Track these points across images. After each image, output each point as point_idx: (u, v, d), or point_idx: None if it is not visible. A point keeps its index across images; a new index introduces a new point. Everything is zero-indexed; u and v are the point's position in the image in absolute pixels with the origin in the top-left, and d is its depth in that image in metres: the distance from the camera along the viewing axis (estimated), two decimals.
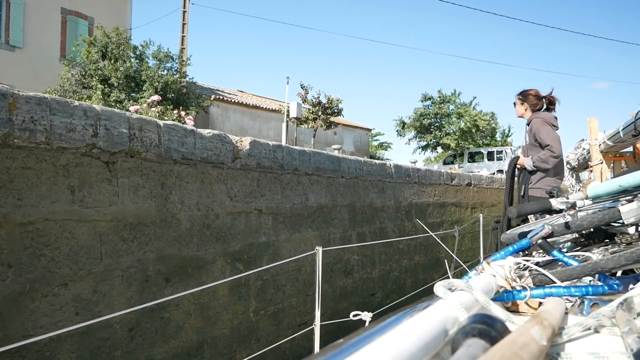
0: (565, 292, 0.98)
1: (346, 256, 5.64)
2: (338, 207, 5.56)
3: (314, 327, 3.10)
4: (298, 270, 4.72)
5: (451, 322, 0.63)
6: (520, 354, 0.48)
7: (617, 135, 4.71)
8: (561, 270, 1.10)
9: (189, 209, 3.44)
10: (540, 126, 3.68)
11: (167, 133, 3.30)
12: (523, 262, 1.18)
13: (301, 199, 4.86)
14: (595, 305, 0.93)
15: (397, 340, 0.51)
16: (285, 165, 4.64)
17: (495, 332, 0.55)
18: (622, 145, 5.49)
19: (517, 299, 0.99)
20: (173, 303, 3.21)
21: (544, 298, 0.98)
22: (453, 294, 0.75)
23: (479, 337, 0.55)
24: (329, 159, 5.45)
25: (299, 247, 4.78)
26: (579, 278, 1.09)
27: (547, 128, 3.67)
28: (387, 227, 6.65)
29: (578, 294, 0.98)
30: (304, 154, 4.96)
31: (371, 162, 6.45)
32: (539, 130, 3.67)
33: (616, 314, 0.73)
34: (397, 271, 6.89)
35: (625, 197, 1.24)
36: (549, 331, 0.63)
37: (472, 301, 0.75)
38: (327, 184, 5.37)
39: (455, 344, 0.56)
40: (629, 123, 4.25)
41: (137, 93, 13.18)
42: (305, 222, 4.89)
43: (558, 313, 0.79)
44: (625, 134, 4.46)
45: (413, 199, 7.53)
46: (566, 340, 0.74)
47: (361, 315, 2.01)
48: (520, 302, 0.99)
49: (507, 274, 1.07)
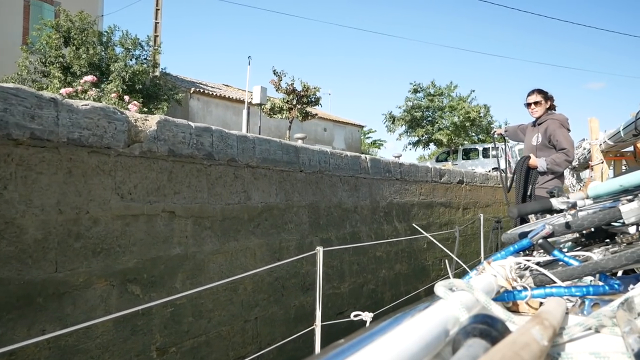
0: (566, 292, 0.98)
1: (305, 268, 4.60)
2: (294, 207, 4.51)
3: (314, 327, 2.99)
4: (233, 290, 3.67)
5: (452, 322, 0.64)
6: (521, 354, 0.48)
7: (618, 134, 4.72)
8: (562, 270, 1.09)
9: (42, 212, 2.39)
10: (558, 128, 3.62)
11: (4, 100, 2.24)
12: (524, 262, 1.16)
13: (240, 197, 3.82)
14: (596, 305, 0.94)
15: (398, 340, 0.51)
16: (217, 154, 3.60)
17: (496, 332, 0.55)
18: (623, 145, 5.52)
19: (517, 299, 0.99)
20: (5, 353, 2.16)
21: (544, 298, 0.98)
22: (454, 294, 0.74)
23: (479, 337, 0.55)
24: (283, 149, 4.41)
25: (236, 259, 3.73)
26: (580, 278, 1.09)
27: (564, 131, 3.62)
28: (360, 231, 5.62)
29: (579, 294, 0.99)
30: (245, 141, 3.91)
31: (340, 155, 5.41)
32: (556, 133, 3.61)
33: (617, 314, 0.74)
34: (373, 283, 5.85)
35: (626, 197, 1.23)
36: (549, 331, 0.63)
37: (473, 301, 0.75)
38: (278, 180, 4.32)
39: (456, 344, 0.56)
40: (630, 123, 4.24)
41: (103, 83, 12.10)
42: (245, 228, 3.85)
43: (559, 313, 0.79)
44: (626, 134, 4.47)
45: (394, 198, 6.49)
46: (567, 340, 0.74)
47: (362, 316, 2.00)
48: (521, 302, 0.99)
49: (507, 274, 1.07)
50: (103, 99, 7.25)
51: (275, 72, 10.91)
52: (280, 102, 11.01)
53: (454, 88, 17.15)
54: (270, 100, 11.47)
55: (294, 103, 10.76)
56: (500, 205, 10.14)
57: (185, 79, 20.33)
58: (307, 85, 10.97)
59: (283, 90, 10.80)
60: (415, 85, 17.37)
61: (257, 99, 11.22)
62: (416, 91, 17.39)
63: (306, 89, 10.86)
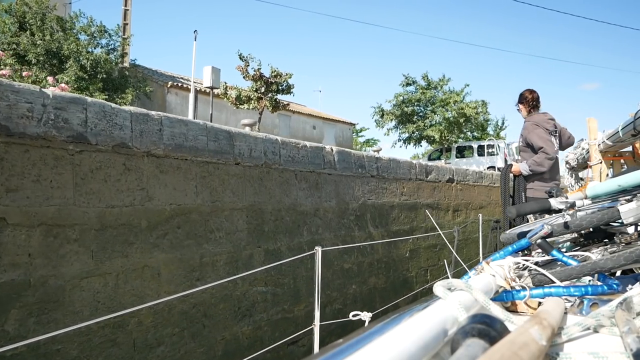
0: (565, 292, 0.99)
1: (242, 288, 3.57)
2: (225, 211, 3.48)
3: (313, 327, 2.94)
4: (119, 327, 2.63)
5: (450, 322, 0.63)
6: (519, 354, 0.48)
7: (617, 135, 4.73)
8: (560, 270, 1.09)
9: None
10: (532, 130, 3.68)
11: None
12: (522, 262, 1.17)
13: (134, 197, 2.78)
14: (595, 305, 0.94)
15: (396, 340, 0.51)
16: (94, 137, 2.56)
17: (494, 332, 0.55)
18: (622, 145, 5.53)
19: (516, 298, 0.99)
20: None
21: (543, 298, 0.98)
22: (452, 293, 0.74)
23: (478, 337, 0.54)
24: (209, 133, 3.38)
25: (125, 282, 2.70)
26: (578, 278, 1.09)
27: (539, 130, 3.65)
28: (322, 239, 4.58)
29: (577, 293, 0.99)
30: (145, 120, 2.88)
31: (296, 145, 4.38)
32: (530, 135, 3.68)
33: (615, 313, 0.74)
34: (340, 302, 4.82)
35: (624, 197, 1.23)
36: (548, 331, 0.63)
37: (472, 301, 0.75)
38: (201, 174, 3.29)
39: (454, 344, 0.56)
40: (629, 123, 4.26)
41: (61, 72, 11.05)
42: (141, 239, 2.81)
43: (557, 313, 0.79)
44: (625, 134, 4.48)
45: (369, 198, 5.46)
46: (565, 340, 0.74)
47: (360, 316, 1.92)
48: (520, 302, 0.99)
49: (506, 274, 1.06)
50: (14, 77, 6.21)
51: (241, 57, 9.74)
52: (249, 90, 9.85)
53: (446, 81, 16.09)
54: (236, 88, 10.31)
55: (262, 91, 9.63)
56: (496, 207, 9.13)
57: (165, 73, 19.35)
58: (277, 70, 9.80)
59: (250, 77, 9.67)
60: (408, 77, 16.29)
61: (208, 81, 10.08)
62: (408, 84, 16.31)
63: (276, 75, 9.69)
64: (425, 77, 16.33)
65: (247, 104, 10.05)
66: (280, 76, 9.86)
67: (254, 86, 9.91)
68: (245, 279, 3.56)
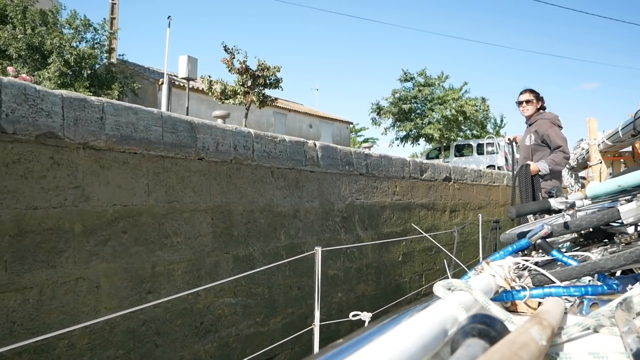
0: (565, 292, 0.98)
1: (205, 300, 3.14)
2: (185, 212, 3.05)
3: (313, 327, 2.83)
4: (41, 352, 2.20)
5: (451, 322, 0.63)
6: (519, 354, 0.48)
7: (616, 135, 4.70)
8: (560, 270, 1.09)
9: None
10: (549, 128, 3.64)
11: None
12: (522, 262, 1.16)
13: (64, 197, 2.35)
14: (595, 305, 0.93)
15: (396, 340, 0.51)
16: (8, 125, 2.13)
17: (494, 332, 0.54)
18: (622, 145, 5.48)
19: (516, 299, 0.99)
20: None
21: (543, 298, 0.97)
22: (452, 294, 0.74)
23: (478, 337, 0.54)
24: (165, 124, 2.94)
25: (51, 299, 2.27)
26: (578, 278, 1.08)
27: (556, 129, 3.65)
28: (304, 243, 4.15)
29: (577, 293, 0.98)
30: (83, 107, 2.44)
31: (273, 139, 3.95)
32: (549, 132, 3.63)
33: (615, 313, 0.73)
34: (324, 312, 4.38)
35: (624, 197, 1.23)
36: (548, 331, 0.63)
37: (472, 301, 0.74)
38: (154, 170, 2.86)
39: (454, 344, 0.56)
40: (628, 123, 4.22)
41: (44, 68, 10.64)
42: (75, 246, 2.37)
43: (557, 313, 0.79)
44: (625, 134, 4.44)
45: (357, 198, 5.03)
46: (565, 340, 0.74)
47: (360, 316, 1.91)
48: (520, 302, 0.98)
49: (506, 274, 1.06)
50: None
51: (226, 49, 9.26)
52: (235, 84, 9.36)
53: (445, 78, 15.62)
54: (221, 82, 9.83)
55: (249, 85, 9.15)
56: (495, 207, 8.69)
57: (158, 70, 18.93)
58: (264, 63, 9.31)
59: (236, 70, 9.19)
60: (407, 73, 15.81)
61: (184, 72, 9.61)
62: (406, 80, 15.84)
63: (263, 68, 9.21)
64: (422, 74, 15.87)
65: (232, 98, 9.58)
66: (268, 69, 9.40)
67: (240, 80, 9.43)
68: (209, 290, 3.13)
